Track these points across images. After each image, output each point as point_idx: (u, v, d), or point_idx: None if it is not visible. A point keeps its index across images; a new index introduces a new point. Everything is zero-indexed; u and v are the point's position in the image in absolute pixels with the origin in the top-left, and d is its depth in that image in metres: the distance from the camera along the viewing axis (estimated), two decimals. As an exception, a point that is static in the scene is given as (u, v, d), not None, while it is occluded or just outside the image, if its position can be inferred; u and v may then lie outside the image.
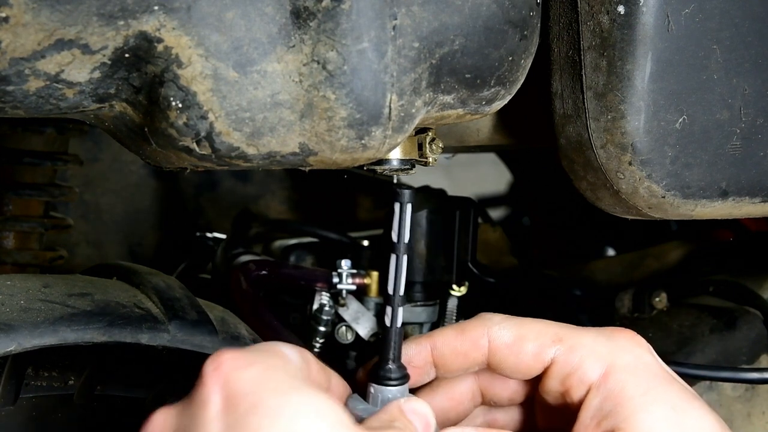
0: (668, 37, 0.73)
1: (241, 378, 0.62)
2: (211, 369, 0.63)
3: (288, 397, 0.61)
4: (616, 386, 0.71)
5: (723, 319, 1.23)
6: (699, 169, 0.77)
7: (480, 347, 0.76)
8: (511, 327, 0.76)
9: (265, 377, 0.62)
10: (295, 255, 1.27)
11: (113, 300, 0.82)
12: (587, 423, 0.72)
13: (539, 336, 0.75)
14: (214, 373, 0.63)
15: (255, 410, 0.61)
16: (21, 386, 0.84)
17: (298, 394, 0.62)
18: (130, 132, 0.67)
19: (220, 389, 0.62)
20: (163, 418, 0.65)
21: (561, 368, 0.74)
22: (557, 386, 0.75)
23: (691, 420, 0.70)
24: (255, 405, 0.61)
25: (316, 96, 0.63)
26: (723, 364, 1.18)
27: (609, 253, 1.70)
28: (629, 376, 0.72)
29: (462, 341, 0.76)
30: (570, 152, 0.80)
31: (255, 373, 0.62)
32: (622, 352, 0.73)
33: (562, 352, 0.74)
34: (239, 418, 0.61)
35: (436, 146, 0.79)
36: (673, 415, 0.70)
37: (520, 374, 0.76)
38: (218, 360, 0.63)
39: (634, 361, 0.73)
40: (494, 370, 0.77)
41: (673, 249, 1.48)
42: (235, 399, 0.62)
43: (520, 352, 0.75)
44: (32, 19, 0.57)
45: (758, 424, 1.22)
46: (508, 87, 0.71)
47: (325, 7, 0.61)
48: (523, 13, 0.68)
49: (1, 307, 0.77)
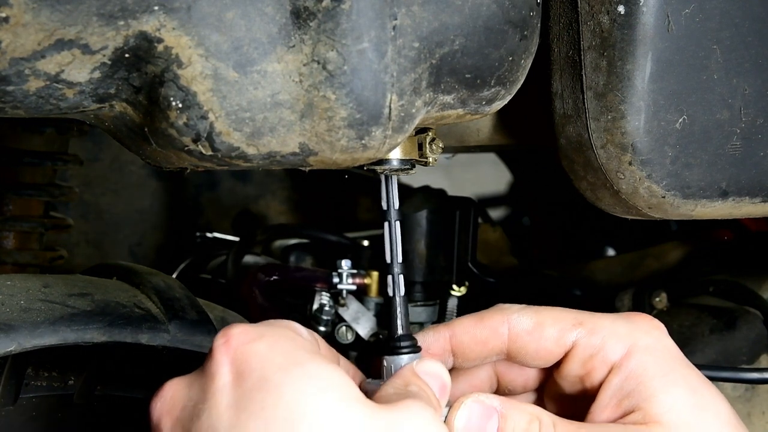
0: (668, 37, 0.73)
1: (249, 352, 0.63)
2: (221, 342, 0.64)
3: (294, 373, 0.62)
4: (637, 366, 0.72)
5: (723, 319, 1.23)
6: (699, 169, 0.77)
7: (500, 335, 0.76)
8: (531, 314, 0.76)
9: (272, 351, 0.63)
10: (295, 255, 1.27)
11: (113, 300, 0.82)
12: (606, 402, 0.72)
13: (559, 321, 0.75)
14: (224, 347, 0.63)
15: (261, 386, 0.61)
16: (21, 386, 0.84)
17: (303, 369, 0.62)
18: (130, 132, 0.67)
19: (230, 362, 0.63)
20: (174, 388, 0.65)
21: (583, 351, 0.74)
22: (577, 369, 0.75)
23: (709, 403, 0.71)
24: (262, 380, 0.62)
25: (316, 96, 0.62)
26: (723, 364, 1.18)
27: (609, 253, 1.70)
28: (650, 357, 0.73)
29: (481, 329, 0.77)
30: (570, 152, 0.80)
31: (263, 347, 0.63)
32: (642, 334, 0.74)
33: (583, 335, 0.75)
34: (247, 393, 0.61)
35: (436, 146, 0.79)
36: (693, 397, 0.71)
37: (540, 360, 0.76)
38: (228, 333, 0.64)
39: (654, 343, 0.73)
40: (513, 358, 0.77)
41: (673, 249, 1.48)
42: (243, 373, 0.62)
43: (541, 338, 0.75)
44: (32, 19, 0.57)
45: (758, 424, 1.22)
46: (508, 87, 0.71)
47: (325, 7, 0.61)
48: (523, 13, 0.68)
49: (1, 307, 0.77)
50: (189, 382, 0.65)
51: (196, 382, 0.64)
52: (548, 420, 0.71)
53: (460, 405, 0.71)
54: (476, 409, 0.71)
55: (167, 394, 0.66)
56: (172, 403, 0.65)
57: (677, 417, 0.70)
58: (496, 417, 0.71)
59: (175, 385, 0.66)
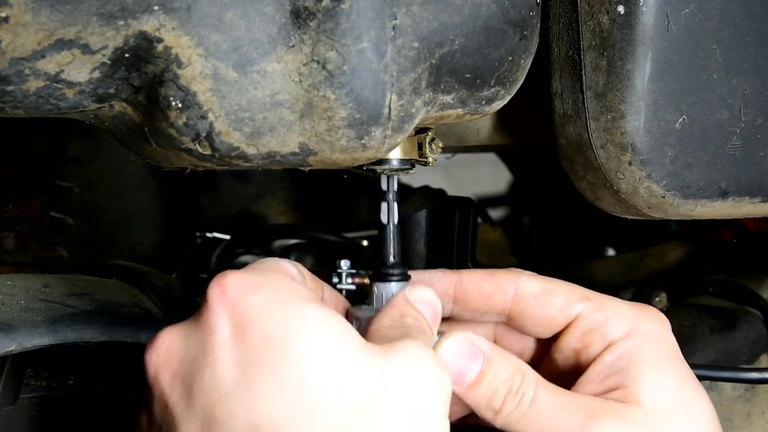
0: (668, 37, 0.73)
1: (248, 304, 0.62)
2: (217, 293, 0.63)
3: (296, 326, 0.61)
4: (633, 347, 0.73)
5: (723, 319, 1.23)
6: (699, 169, 0.77)
7: (505, 292, 0.76)
8: (540, 280, 0.77)
9: (272, 303, 0.62)
10: (295, 255, 1.27)
11: (113, 300, 0.82)
12: (593, 376, 0.73)
13: (567, 292, 0.76)
14: (220, 298, 0.62)
15: (266, 341, 0.61)
16: (21, 386, 0.84)
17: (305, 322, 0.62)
18: (130, 132, 0.67)
19: (229, 316, 0.62)
20: (169, 338, 0.64)
21: (585, 324, 0.75)
22: (575, 342, 0.75)
23: (694, 399, 0.72)
24: (265, 336, 0.61)
25: (316, 96, 0.63)
26: (723, 364, 1.18)
27: (609, 253, 1.70)
28: (649, 342, 0.73)
29: (489, 282, 0.77)
30: (570, 152, 0.80)
31: (262, 299, 0.62)
32: (646, 321, 0.74)
33: (588, 309, 0.75)
34: (252, 349, 0.61)
35: (436, 146, 0.79)
36: (679, 389, 0.71)
37: (540, 327, 0.76)
38: (223, 283, 0.63)
39: (656, 332, 0.74)
40: (514, 321, 0.77)
41: (673, 249, 1.48)
42: (244, 328, 0.61)
43: (546, 304, 0.76)
44: (32, 19, 0.57)
45: (758, 424, 1.22)
46: (508, 87, 0.71)
47: (324, 7, 0.61)
48: (523, 13, 0.68)
49: (2, 306, 0.77)
50: (185, 333, 0.64)
51: (193, 334, 0.63)
52: (532, 376, 0.71)
53: (449, 336, 0.72)
54: (464, 345, 0.72)
55: (162, 345, 0.64)
56: (169, 354, 0.63)
57: (659, 403, 0.70)
58: (482, 359, 0.71)
59: (170, 336, 0.64)
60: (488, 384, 0.71)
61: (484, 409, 0.71)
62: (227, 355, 0.61)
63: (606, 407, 0.70)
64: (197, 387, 0.61)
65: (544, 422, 0.69)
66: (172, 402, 0.62)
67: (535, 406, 0.70)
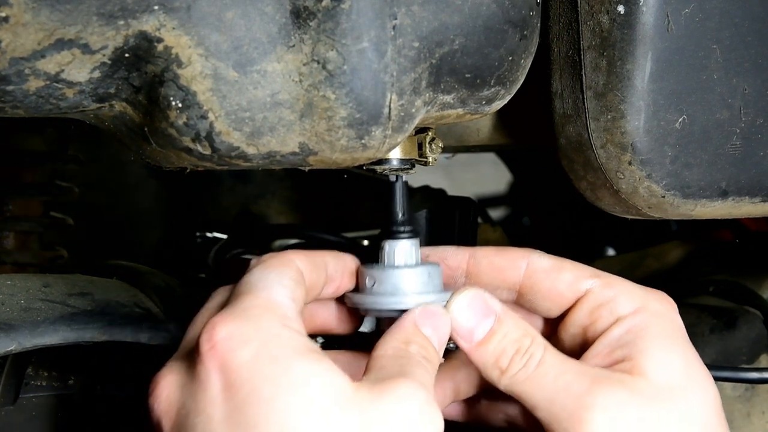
0: (668, 37, 0.73)
1: (236, 361, 0.63)
2: (207, 348, 0.63)
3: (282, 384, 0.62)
4: (641, 323, 0.73)
5: (723, 319, 1.23)
6: (699, 169, 0.77)
7: (517, 267, 0.77)
8: (551, 258, 0.77)
9: (260, 359, 0.63)
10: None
11: (113, 299, 0.82)
12: (599, 350, 0.73)
13: (577, 268, 0.77)
14: (211, 353, 0.63)
15: (252, 400, 0.61)
16: (21, 386, 0.84)
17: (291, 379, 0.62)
18: (130, 132, 0.67)
19: (218, 371, 0.63)
20: (168, 389, 0.66)
21: (594, 299, 0.75)
22: (583, 318, 0.75)
23: (700, 378, 0.72)
24: (252, 394, 0.62)
25: (316, 96, 0.62)
26: (723, 364, 1.18)
27: (609, 253, 1.70)
28: (657, 320, 0.73)
29: (501, 258, 0.78)
30: (570, 152, 0.80)
31: (249, 354, 0.63)
32: (655, 301, 0.75)
33: (598, 285, 0.76)
34: (239, 407, 0.62)
35: (436, 146, 0.79)
36: (685, 369, 0.72)
37: (550, 303, 0.77)
38: (213, 338, 0.63)
39: (664, 312, 0.75)
40: (524, 297, 0.78)
41: (673, 249, 1.48)
42: (233, 385, 0.62)
43: (556, 279, 0.76)
44: (32, 18, 0.57)
45: (758, 424, 1.22)
46: (508, 87, 0.71)
47: (325, 7, 0.61)
48: (523, 13, 0.68)
49: (2, 306, 0.77)
50: (181, 382, 0.66)
51: (188, 386, 0.65)
52: (540, 340, 0.72)
53: (462, 291, 0.73)
54: (477, 303, 0.72)
55: (162, 395, 0.66)
56: (168, 404, 0.65)
57: (665, 377, 0.70)
58: (493, 318, 0.72)
59: (168, 385, 0.66)
60: (497, 343, 0.72)
61: (491, 368, 0.72)
62: (217, 412, 0.62)
63: (612, 376, 0.70)
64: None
65: (548, 384, 0.70)
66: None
67: (542, 368, 0.71)
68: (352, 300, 0.78)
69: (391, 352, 0.69)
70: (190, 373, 0.65)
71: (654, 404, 0.69)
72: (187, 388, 0.64)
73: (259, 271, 0.70)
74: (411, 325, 0.72)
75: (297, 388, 0.62)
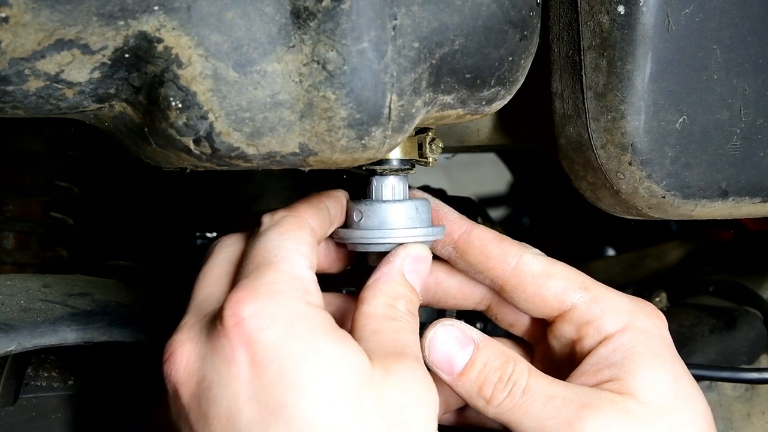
0: (668, 37, 0.73)
1: (264, 339, 0.62)
2: (233, 324, 0.63)
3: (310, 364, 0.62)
4: (629, 341, 0.73)
5: (723, 319, 1.23)
6: (699, 169, 0.77)
7: (506, 262, 0.77)
8: (544, 261, 0.77)
9: (287, 339, 0.63)
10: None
11: (113, 300, 0.82)
12: (587, 369, 0.73)
13: (567, 278, 0.76)
14: (236, 329, 0.63)
15: (281, 380, 0.62)
16: (21, 386, 0.84)
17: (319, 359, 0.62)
18: (130, 132, 0.67)
19: (245, 348, 0.62)
20: (186, 357, 0.65)
21: (581, 315, 0.75)
22: (571, 332, 0.75)
23: (689, 394, 0.72)
24: (280, 373, 0.62)
25: (316, 96, 0.62)
26: (723, 364, 1.18)
27: (609, 253, 1.70)
28: (644, 338, 0.73)
29: (494, 246, 0.77)
30: (570, 152, 0.80)
31: (277, 334, 0.63)
32: (643, 316, 0.74)
33: (585, 300, 0.75)
34: (267, 387, 0.62)
35: (436, 146, 0.79)
36: (675, 384, 0.71)
37: (533, 306, 0.76)
38: (239, 315, 0.63)
39: (652, 328, 0.74)
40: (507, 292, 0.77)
41: (673, 249, 1.48)
42: (260, 363, 0.62)
43: (543, 286, 0.76)
44: (32, 19, 0.57)
45: (758, 424, 1.22)
46: (508, 87, 0.71)
47: (325, 7, 0.61)
48: (523, 13, 0.68)
49: (2, 307, 0.77)
50: (201, 353, 0.65)
51: (209, 358, 0.64)
52: (523, 365, 0.71)
53: (438, 325, 0.73)
54: (453, 334, 0.72)
55: (180, 362, 0.65)
56: (187, 374, 0.65)
57: (654, 396, 0.70)
58: (471, 347, 0.72)
59: (186, 353, 0.65)
60: (478, 372, 0.71)
61: (476, 398, 0.71)
62: (243, 389, 0.62)
63: (600, 396, 0.70)
64: (214, 415, 0.63)
65: (536, 411, 0.69)
66: (192, 420, 0.64)
67: (528, 395, 0.70)
68: (340, 235, 0.78)
69: (381, 310, 0.70)
70: (210, 344, 0.64)
71: (644, 424, 0.69)
72: (209, 361, 0.64)
73: (276, 236, 0.69)
74: (397, 274, 0.72)
75: (325, 369, 0.62)
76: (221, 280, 0.71)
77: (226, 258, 0.72)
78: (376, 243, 0.76)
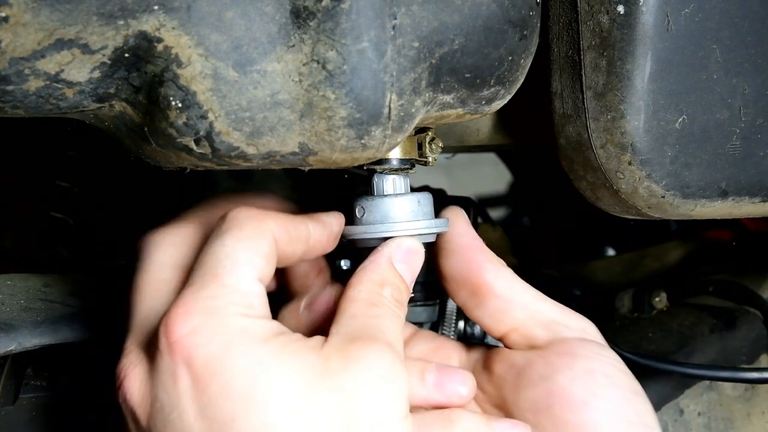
0: (668, 37, 0.73)
1: (204, 356, 0.62)
2: (172, 341, 0.62)
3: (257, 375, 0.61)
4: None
5: (723, 319, 1.23)
6: (699, 169, 0.77)
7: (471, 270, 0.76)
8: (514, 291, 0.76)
9: (229, 353, 0.62)
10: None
11: (113, 300, 0.82)
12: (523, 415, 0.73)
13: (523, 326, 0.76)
14: (176, 347, 0.62)
15: (227, 392, 0.61)
16: (21, 386, 0.84)
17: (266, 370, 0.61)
18: (130, 132, 0.67)
19: (186, 366, 0.62)
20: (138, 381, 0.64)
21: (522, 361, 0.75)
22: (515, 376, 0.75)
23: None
24: (225, 386, 0.61)
25: (316, 96, 0.62)
26: (723, 364, 1.18)
27: (609, 253, 1.70)
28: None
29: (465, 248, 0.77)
30: (570, 152, 0.80)
31: (217, 349, 0.62)
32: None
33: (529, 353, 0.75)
34: (212, 401, 0.61)
35: (436, 146, 0.79)
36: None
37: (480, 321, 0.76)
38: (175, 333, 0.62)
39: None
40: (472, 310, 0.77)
41: (673, 249, 1.49)
42: (202, 379, 0.61)
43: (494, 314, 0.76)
44: (32, 18, 0.57)
45: (758, 424, 1.22)
46: (508, 87, 0.71)
47: (324, 7, 0.61)
48: (523, 13, 0.68)
49: (2, 306, 0.77)
50: (148, 374, 0.64)
51: (156, 378, 0.63)
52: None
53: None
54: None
55: (133, 386, 0.64)
56: (141, 396, 0.64)
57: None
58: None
59: (137, 377, 0.65)
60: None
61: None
62: (190, 407, 0.61)
63: None
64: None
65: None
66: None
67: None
68: (343, 233, 0.78)
69: (365, 295, 0.69)
70: (155, 364, 0.64)
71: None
72: (158, 380, 0.63)
73: (231, 242, 0.67)
74: (386, 262, 0.71)
75: (269, 375, 0.61)
76: (161, 289, 0.69)
77: (168, 263, 0.71)
78: (379, 237, 0.76)
